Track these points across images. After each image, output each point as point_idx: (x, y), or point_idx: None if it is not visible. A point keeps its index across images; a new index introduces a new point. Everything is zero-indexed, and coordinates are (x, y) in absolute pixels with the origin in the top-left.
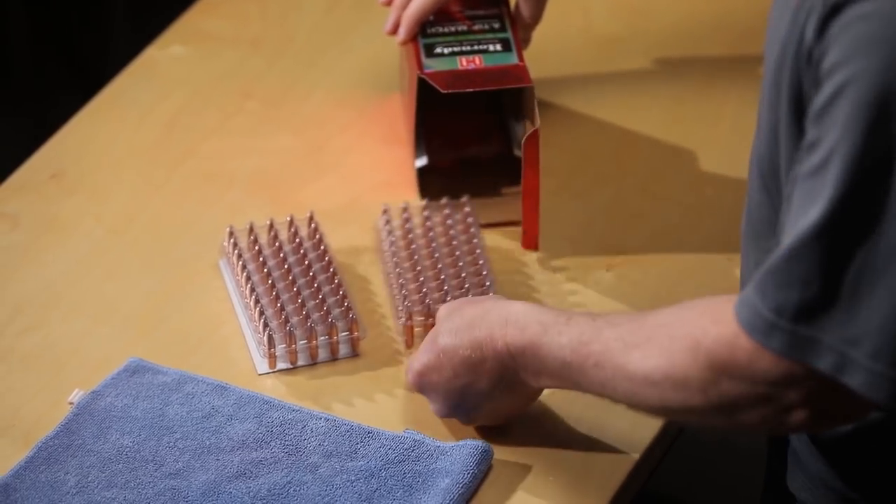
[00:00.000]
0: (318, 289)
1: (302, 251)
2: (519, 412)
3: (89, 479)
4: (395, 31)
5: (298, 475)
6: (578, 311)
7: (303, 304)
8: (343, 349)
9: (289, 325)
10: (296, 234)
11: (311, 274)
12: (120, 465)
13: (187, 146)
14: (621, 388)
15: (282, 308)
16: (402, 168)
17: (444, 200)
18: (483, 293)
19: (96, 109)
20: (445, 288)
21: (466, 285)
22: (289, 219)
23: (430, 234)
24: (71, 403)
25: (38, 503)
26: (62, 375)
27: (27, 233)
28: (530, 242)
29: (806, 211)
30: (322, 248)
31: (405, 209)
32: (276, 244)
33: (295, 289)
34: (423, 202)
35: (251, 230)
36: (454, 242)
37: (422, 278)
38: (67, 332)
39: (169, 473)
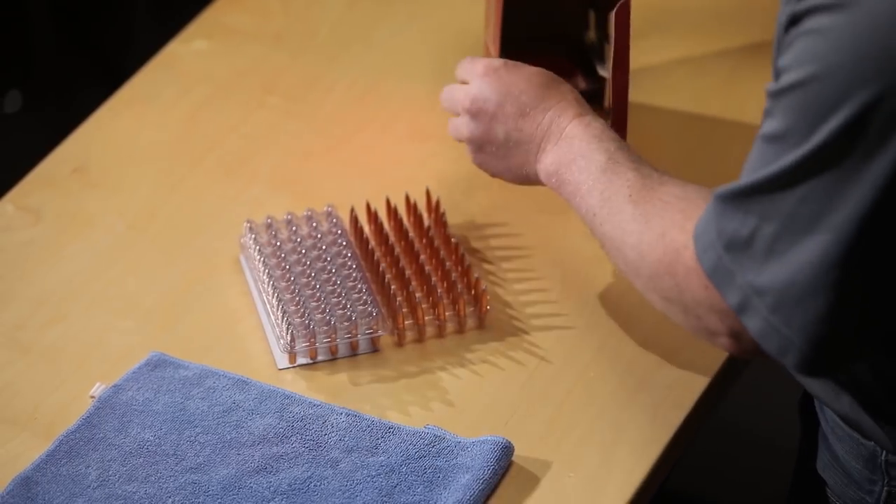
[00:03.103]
0: (339, 284)
1: (322, 246)
2: (509, 181)
3: (110, 472)
4: None
5: (319, 470)
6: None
7: (323, 300)
8: (363, 344)
9: (309, 320)
10: (316, 228)
11: (331, 269)
12: (141, 459)
13: (209, 141)
14: (605, 227)
15: (302, 303)
16: (425, 163)
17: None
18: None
19: (119, 104)
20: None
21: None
22: (308, 213)
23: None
24: (92, 397)
25: (59, 496)
26: (84, 369)
27: (49, 227)
28: (618, 127)
29: (761, 167)
30: (343, 242)
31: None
32: (297, 239)
33: (315, 284)
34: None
35: (270, 225)
36: (435, 243)
37: (407, 275)
38: (89, 326)
39: (190, 467)
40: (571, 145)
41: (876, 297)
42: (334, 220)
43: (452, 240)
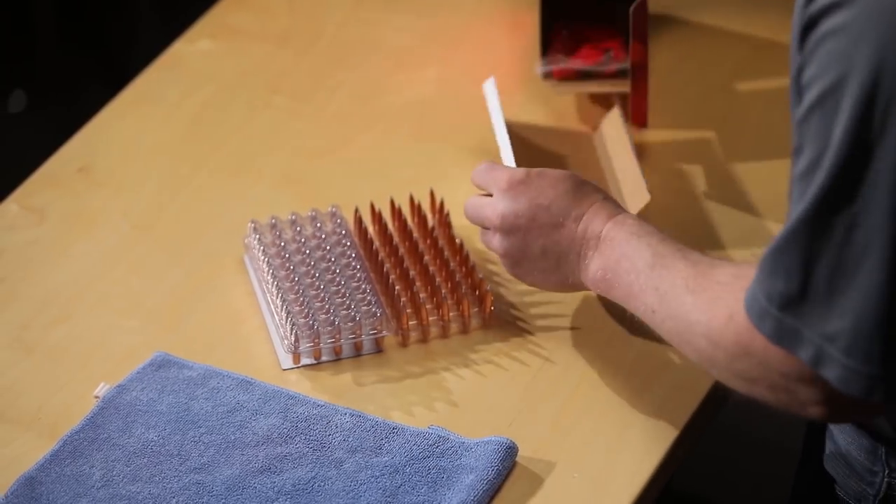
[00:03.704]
0: (343, 284)
1: (327, 246)
2: (548, 289)
3: (114, 472)
4: None
5: (323, 470)
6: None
7: (327, 300)
8: (367, 345)
9: (313, 321)
10: (320, 228)
11: (335, 269)
12: (145, 459)
13: (214, 141)
14: (668, 323)
15: (306, 304)
16: (430, 164)
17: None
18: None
19: (124, 103)
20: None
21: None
22: (313, 213)
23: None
24: (97, 397)
25: (63, 496)
26: (88, 369)
27: (54, 227)
28: (639, 118)
29: (795, 209)
30: (347, 243)
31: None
32: (301, 239)
33: (319, 284)
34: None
35: (275, 225)
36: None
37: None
38: (93, 326)
39: (194, 468)
40: (613, 248)
41: None
42: (338, 221)
43: (457, 240)
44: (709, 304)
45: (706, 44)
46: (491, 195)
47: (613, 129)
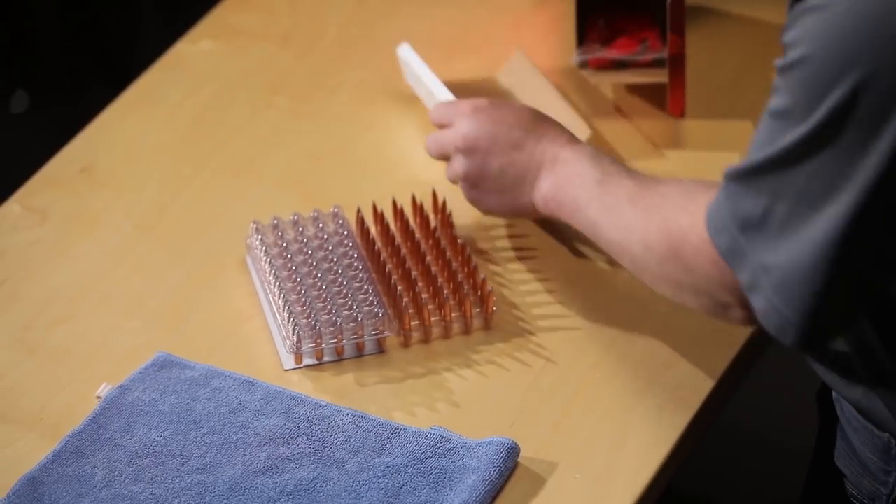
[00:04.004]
0: (344, 285)
1: (329, 246)
2: (504, 215)
3: (116, 473)
4: None
5: (325, 471)
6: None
7: (329, 300)
8: (369, 346)
9: (315, 321)
10: (322, 229)
11: (337, 270)
12: (147, 460)
13: (216, 141)
14: (609, 233)
15: (308, 304)
16: (432, 164)
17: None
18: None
19: (125, 104)
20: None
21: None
22: (315, 214)
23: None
24: (99, 397)
25: (65, 497)
26: (90, 369)
27: (56, 227)
28: (677, 108)
29: (769, 143)
30: (349, 243)
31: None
32: (303, 239)
33: (321, 284)
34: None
35: (277, 225)
36: (442, 244)
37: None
38: (95, 326)
39: (196, 468)
40: (566, 167)
41: (870, 272)
42: (341, 221)
43: (459, 241)
44: (646, 211)
45: (744, 32)
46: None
47: (520, 75)
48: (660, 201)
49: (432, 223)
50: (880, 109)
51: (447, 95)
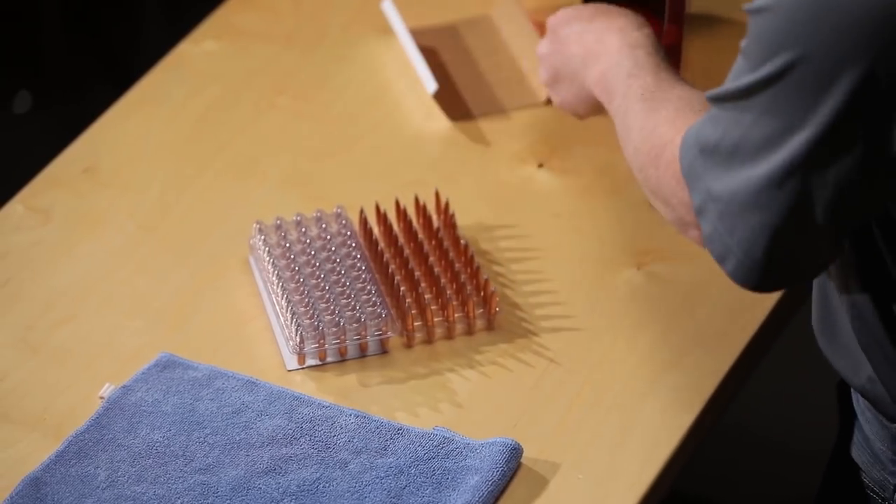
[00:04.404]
0: (348, 285)
1: (332, 247)
2: (580, 108)
3: (119, 473)
4: None
5: (328, 471)
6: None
7: (332, 301)
8: (372, 346)
9: (319, 322)
10: (325, 229)
11: (340, 270)
12: (150, 460)
13: (219, 142)
14: (618, 123)
15: (311, 305)
16: (435, 165)
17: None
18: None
19: (129, 104)
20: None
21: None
22: (318, 214)
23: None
24: (101, 398)
25: (68, 497)
26: (93, 369)
27: (59, 227)
28: None
29: (735, 77)
30: (352, 244)
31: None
32: (306, 240)
33: (325, 285)
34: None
35: (280, 226)
36: (444, 244)
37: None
38: (98, 327)
39: (199, 468)
40: (609, 58)
41: (811, 220)
42: (344, 222)
43: (462, 241)
44: (646, 113)
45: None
46: None
47: (508, 15)
48: (659, 106)
49: (435, 224)
50: (818, 83)
51: (418, 56)
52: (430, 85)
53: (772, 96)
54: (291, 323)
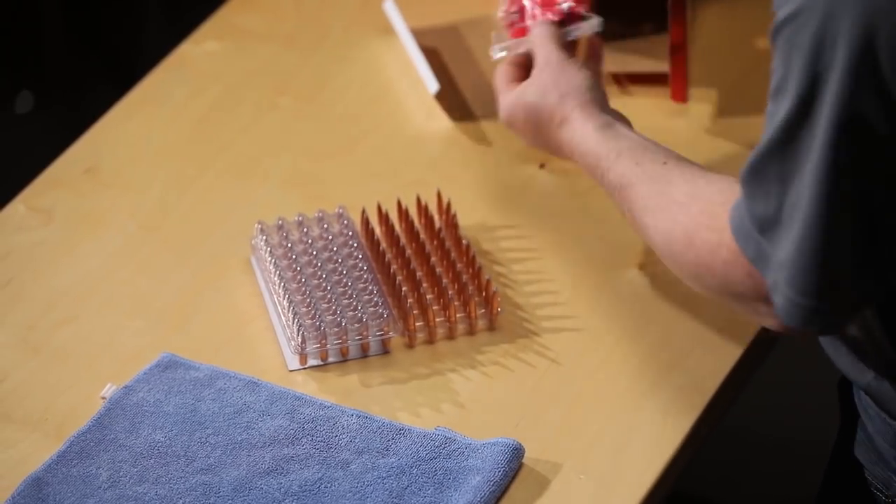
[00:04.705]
0: (349, 286)
1: (333, 247)
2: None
3: (121, 473)
4: None
5: (330, 472)
6: (627, 145)
7: (334, 301)
8: (374, 346)
9: (320, 322)
10: (327, 229)
11: (342, 270)
12: (152, 460)
13: (221, 142)
14: (640, 233)
15: (313, 305)
16: (437, 165)
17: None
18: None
19: (130, 104)
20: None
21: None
22: (319, 214)
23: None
24: (103, 398)
25: (70, 497)
26: (94, 370)
27: (61, 227)
28: (679, 95)
29: (768, 127)
30: (354, 244)
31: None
32: (308, 240)
33: (326, 285)
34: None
35: (281, 226)
36: (446, 244)
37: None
38: (100, 327)
39: (200, 469)
40: (574, 135)
41: (870, 240)
42: (345, 222)
43: (463, 241)
44: (667, 223)
45: (749, 15)
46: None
47: None
48: (676, 210)
49: (437, 224)
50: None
51: (420, 56)
52: (432, 85)
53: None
54: (293, 323)
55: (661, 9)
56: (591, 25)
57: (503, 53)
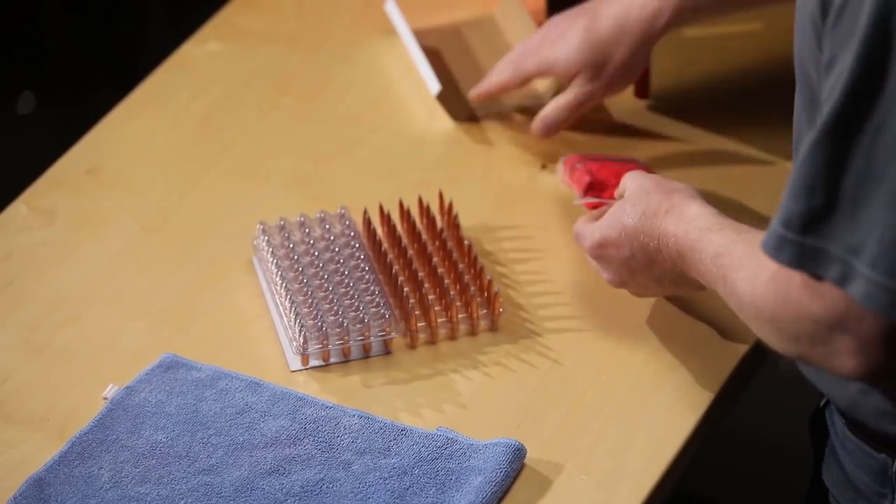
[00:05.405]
0: (351, 286)
1: (335, 248)
2: (687, 294)
3: (123, 474)
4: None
5: (331, 472)
6: (734, 225)
7: (336, 302)
8: (375, 346)
9: (322, 322)
10: (329, 230)
11: (343, 271)
12: (153, 461)
13: (222, 142)
14: (733, 303)
15: (315, 305)
16: (438, 165)
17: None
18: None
19: (132, 105)
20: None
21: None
22: (321, 215)
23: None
24: (105, 399)
25: (71, 498)
26: (96, 370)
27: (63, 228)
28: (641, 91)
29: (819, 120)
30: (355, 244)
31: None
32: (310, 241)
33: (328, 286)
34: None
35: (283, 227)
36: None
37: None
38: (102, 327)
39: (202, 469)
40: (685, 260)
41: None
42: (347, 222)
43: (465, 242)
44: (749, 272)
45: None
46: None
47: (511, 16)
48: (746, 262)
49: (439, 224)
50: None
51: (422, 56)
52: (434, 86)
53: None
54: (295, 323)
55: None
56: None
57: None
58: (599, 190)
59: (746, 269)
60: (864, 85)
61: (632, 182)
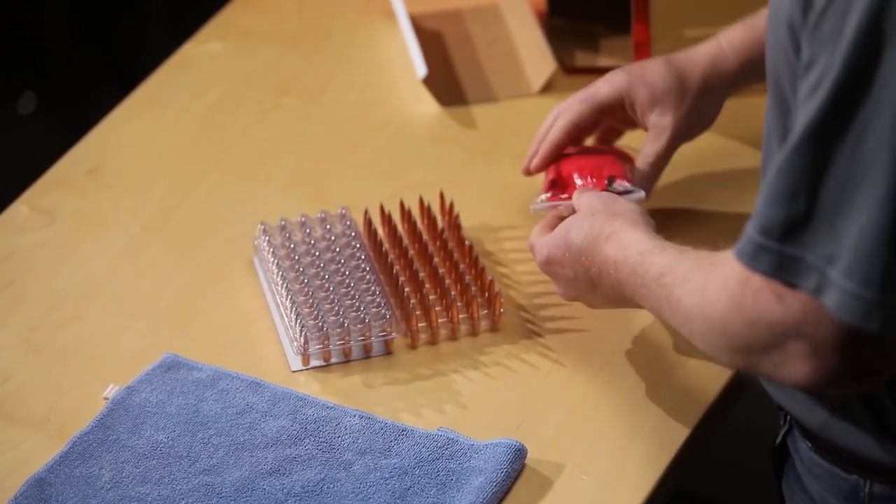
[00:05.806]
0: (352, 286)
1: (336, 248)
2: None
3: (124, 474)
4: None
5: (332, 472)
6: (676, 248)
7: (336, 302)
8: (376, 347)
9: (323, 322)
10: (330, 230)
11: (344, 271)
12: (154, 461)
13: (223, 143)
14: (677, 320)
15: (315, 305)
16: (439, 166)
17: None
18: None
19: (133, 105)
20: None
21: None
22: (322, 215)
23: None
24: (106, 399)
25: (72, 498)
26: (97, 370)
27: (64, 228)
28: None
29: (799, 125)
30: (356, 245)
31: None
32: (310, 241)
33: (329, 286)
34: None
35: (284, 227)
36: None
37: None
38: (103, 328)
39: (203, 469)
40: (624, 285)
41: None
42: (348, 223)
43: (466, 242)
44: (696, 283)
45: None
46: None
47: (515, 10)
48: (695, 274)
49: (440, 225)
50: None
51: (413, 40)
52: (421, 69)
53: (865, 69)
54: (296, 324)
55: (621, 7)
56: (636, 199)
57: (542, 206)
58: (562, 188)
59: (693, 282)
60: (849, 89)
61: (582, 200)
